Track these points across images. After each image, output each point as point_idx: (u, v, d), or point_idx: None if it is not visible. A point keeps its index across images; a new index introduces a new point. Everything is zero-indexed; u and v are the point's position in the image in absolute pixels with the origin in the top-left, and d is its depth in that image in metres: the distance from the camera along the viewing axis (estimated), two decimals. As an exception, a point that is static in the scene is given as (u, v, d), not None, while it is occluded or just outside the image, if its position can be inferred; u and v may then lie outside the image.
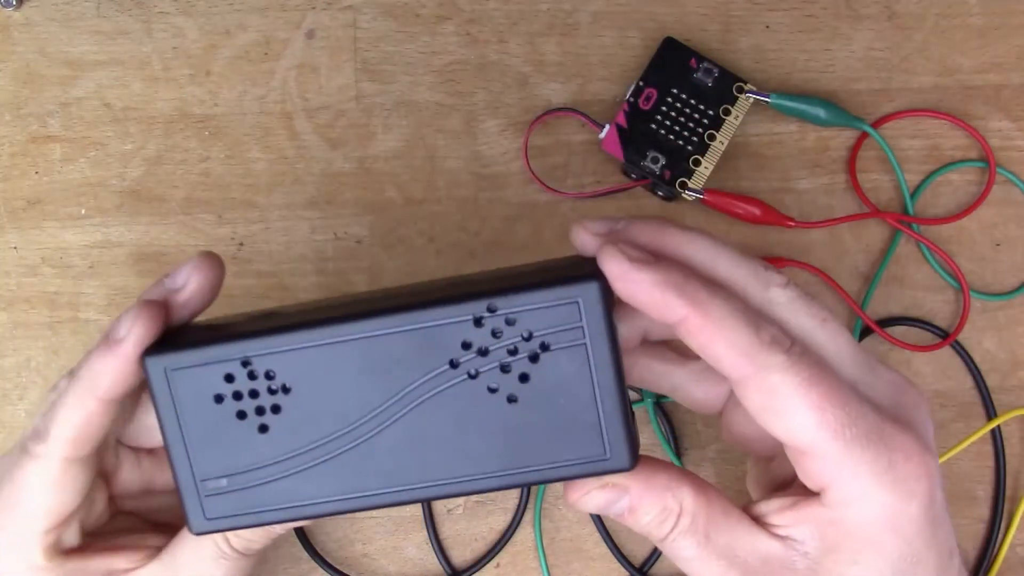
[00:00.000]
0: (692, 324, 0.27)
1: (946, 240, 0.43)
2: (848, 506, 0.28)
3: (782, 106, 0.43)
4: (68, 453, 0.30)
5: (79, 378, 0.30)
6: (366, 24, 0.44)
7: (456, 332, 0.27)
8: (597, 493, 0.29)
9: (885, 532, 0.28)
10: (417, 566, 0.42)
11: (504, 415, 0.28)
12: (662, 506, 0.29)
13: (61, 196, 0.43)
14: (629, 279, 0.27)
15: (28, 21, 0.44)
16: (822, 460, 0.27)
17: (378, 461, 0.28)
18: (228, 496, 0.29)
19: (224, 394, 0.28)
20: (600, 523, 0.42)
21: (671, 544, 0.29)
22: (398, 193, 0.44)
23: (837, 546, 0.28)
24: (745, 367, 0.27)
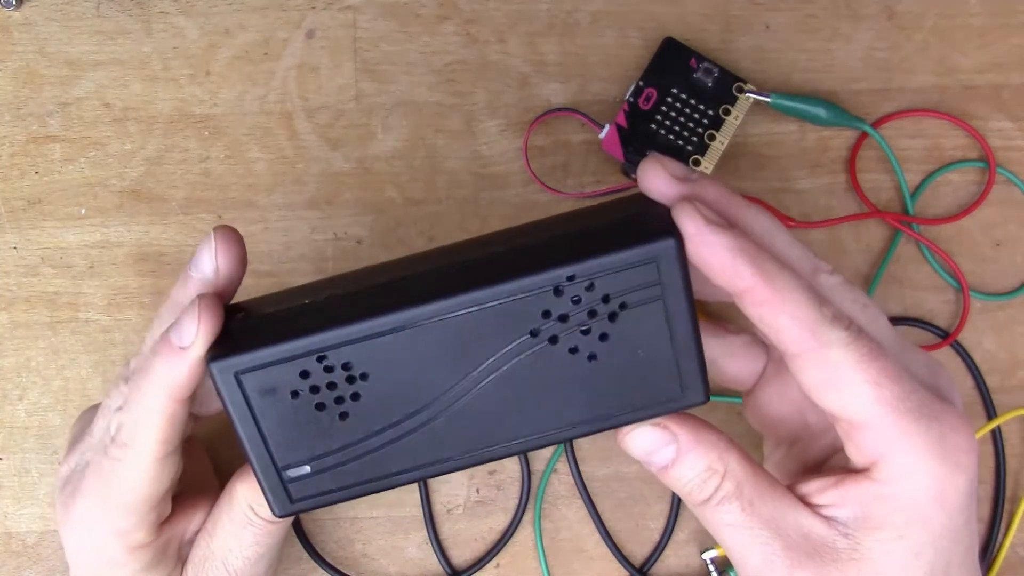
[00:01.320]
0: (759, 294, 0.27)
1: (946, 240, 0.43)
2: (899, 480, 0.28)
3: (782, 106, 0.43)
4: (160, 453, 0.31)
5: (152, 383, 0.30)
6: (366, 24, 0.44)
7: (536, 303, 0.27)
8: (645, 431, 0.29)
9: (933, 505, 0.28)
10: (417, 566, 0.42)
11: (585, 372, 0.28)
12: (707, 464, 0.29)
13: (61, 196, 0.43)
14: (704, 241, 0.27)
15: (28, 21, 0.44)
16: (877, 433, 0.28)
17: (461, 428, 0.28)
18: (311, 479, 0.29)
19: (300, 390, 0.28)
20: (600, 523, 0.42)
21: (714, 508, 0.29)
22: (398, 193, 0.44)
23: (883, 523, 0.28)
24: (808, 341, 0.27)
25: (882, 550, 0.28)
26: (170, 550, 0.34)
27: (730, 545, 0.29)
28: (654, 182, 0.29)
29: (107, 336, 0.43)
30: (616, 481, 0.43)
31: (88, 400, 0.43)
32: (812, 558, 0.28)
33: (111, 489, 0.31)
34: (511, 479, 0.42)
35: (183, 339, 0.29)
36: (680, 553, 0.42)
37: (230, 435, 0.29)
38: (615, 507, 0.42)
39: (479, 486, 0.42)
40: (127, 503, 0.31)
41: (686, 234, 0.27)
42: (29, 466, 0.43)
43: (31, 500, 0.42)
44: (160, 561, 0.34)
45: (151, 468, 0.31)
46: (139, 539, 0.32)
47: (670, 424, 0.29)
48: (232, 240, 0.31)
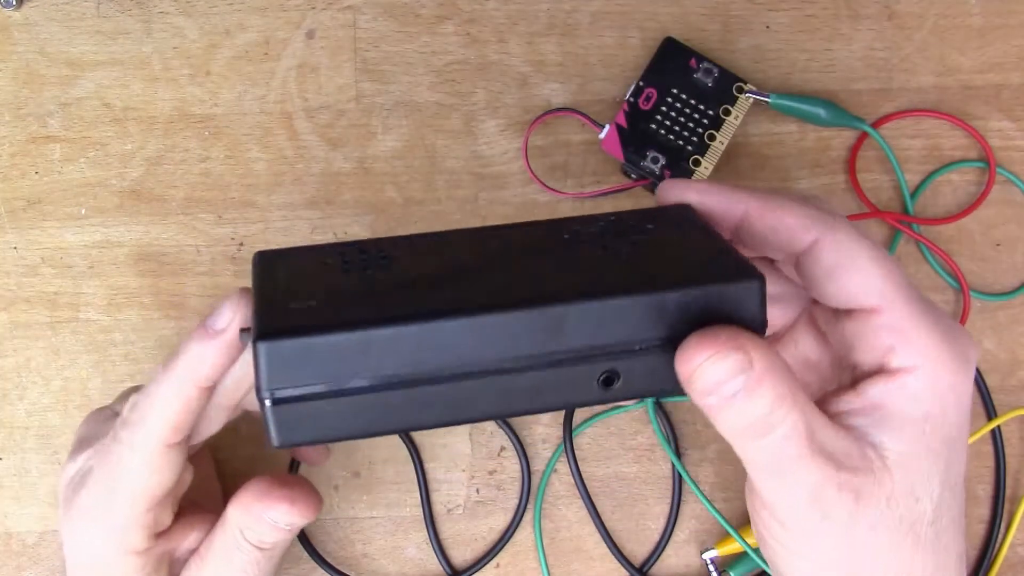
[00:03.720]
0: (759, 208, 0.29)
1: (946, 240, 0.43)
2: (913, 367, 0.28)
3: (782, 106, 0.43)
4: (169, 439, 0.31)
5: (176, 367, 0.30)
6: (366, 24, 0.44)
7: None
8: (720, 361, 0.26)
9: (947, 394, 0.28)
10: (417, 566, 0.42)
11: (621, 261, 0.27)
12: (778, 393, 0.26)
13: (61, 196, 0.43)
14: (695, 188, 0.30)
15: (28, 21, 0.44)
16: (892, 316, 0.28)
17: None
18: (312, 311, 0.26)
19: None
20: (600, 523, 0.42)
21: (776, 442, 0.26)
22: (398, 193, 0.44)
23: (903, 419, 0.27)
24: (818, 227, 0.28)
25: (907, 452, 0.27)
26: (162, 566, 0.34)
27: (777, 483, 0.27)
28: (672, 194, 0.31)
29: (107, 336, 0.43)
30: (616, 481, 0.43)
31: (88, 400, 0.43)
32: (854, 476, 0.27)
33: (114, 478, 0.31)
34: (511, 479, 0.42)
35: (217, 323, 0.30)
36: (680, 553, 0.42)
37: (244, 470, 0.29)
38: (615, 507, 0.42)
39: (479, 486, 0.42)
40: (128, 495, 0.31)
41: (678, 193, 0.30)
42: (29, 466, 0.43)
43: (31, 500, 0.42)
44: (153, 573, 0.33)
45: (155, 454, 0.31)
46: (134, 543, 0.32)
47: (747, 344, 0.26)
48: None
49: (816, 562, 0.28)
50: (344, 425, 0.26)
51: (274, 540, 0.33)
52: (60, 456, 0.42)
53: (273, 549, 0.34)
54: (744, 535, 0.40)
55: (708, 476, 0.43)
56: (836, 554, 0.28)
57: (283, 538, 0.34)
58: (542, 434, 0.43)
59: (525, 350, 0.25)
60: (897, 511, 0.27)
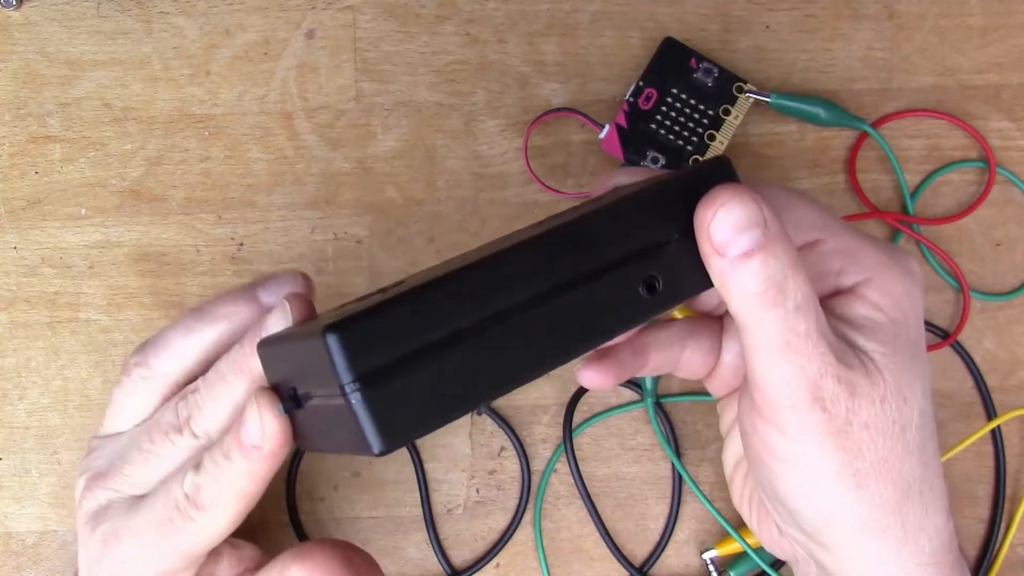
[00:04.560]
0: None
1: (946, 240, 0.43)
2: (868, 281, 0.30)
3: (782, 106, 0.43)
4: (237, 520, 0.31)
5: (236, 471, 0.29)
6: (366, 24, 0.44)
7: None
8: (735, 205, 0.26)
9: (903, 297, 0.30)
10: (417, 566, 0.42)
11: None
12: (791, 260, 0.27)
13: (61, 196, 0.43)
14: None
15: (28, 21, 0.44)
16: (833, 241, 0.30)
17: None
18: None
19: None
20: (600, 523, 0.42)
21: (789, 315, 0.27)
22: (398, 193, 0.44)
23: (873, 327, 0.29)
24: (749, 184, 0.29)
25: (890, 355, 0.29)
26: None
27: (779, 355, 0.27)
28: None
29: (107, 336, 0.43)
30: (616, 481, 0.43)
31: (88, 400, 0.43)
32: (850, 371, 0.28)
33: (175, 539, 0.31)
34: (511, 479, 0.42)
35: (253, 439, 0.28)
36: (680, 553, 0.42)
37: None
38: (615, 507, 0.42)
39: (479, 486, 0.42)
40: (186, 552, 0.31)
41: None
42: (29, 466, 0.43)
43: (31, 500, 0.42)
44: None
45: (225, 528, 0.31)
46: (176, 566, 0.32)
47: (762, 203, 0.27)
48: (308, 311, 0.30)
49: (810, 467, 0.29)
50: (438, 398, 0.25)
51: None
52: (60, 456, 0.42)
53: None
54: (744, 535, 0.40)
55: (708, 476, 0.43)
56: (832, 455, 0.28)
57: None
58: (542, 434, 0.43)
59: (565, 271, 0.27)
60: (890, 412, 0.28)
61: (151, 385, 0.34)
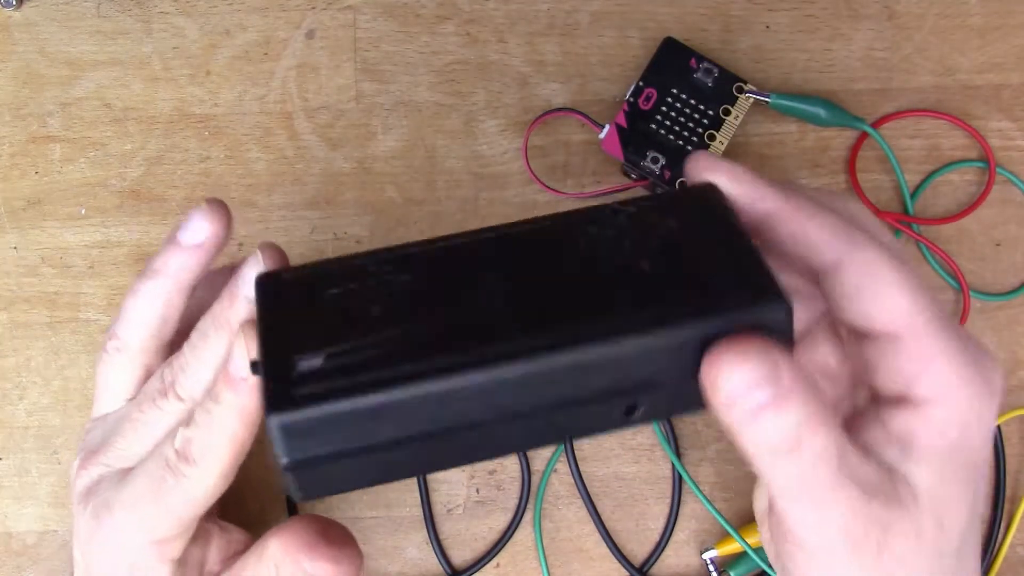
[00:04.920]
0: (786, 212, 0.27)
1: (946, 240, 0.43)
2: (939, 397, 0.26)
3: (782, 106, 0.43)
4: (228, 471, 0.31)
5: (224, 410, 0.29)
6: (366, 24, 0.44)
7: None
8: (745, 364, 0.24)
9: (974, 424, 0.27)
10: (417, 566, 0.42)
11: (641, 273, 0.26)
12: (810, 411, 0.24)
13: (61, 196, 0.43)
14: (724, 169, 0.28)
15: (28, 21, 0.44)
16: (917, 343, 0.26)
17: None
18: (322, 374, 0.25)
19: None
20: (600, 523, 0.42)
21: (807, 463, 0.25)
22: (398, 193, 0.44)
23: (929, 450, 0.27)
24: (843, 244, 0.27)
25: (937, 485, 0.27)
26: (190, 574, 0.34)
27: (797, 504, 0.26)
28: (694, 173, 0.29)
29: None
30: (616, 481, 0.43)
31: (88, 400, 0.43)
32: (885, 508, 0.26)
33: (168, 501, 0.31)
34: (511, 479, 0.42)
35: (240, 371, 0.28)
36: (680, 553, 0.42)
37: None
38: (615, 507, 0.42)
39: (479, 486, 0.42)
40: (179, 516, 0.31)
41: (707, 169, 0.28)
42: (29, 466, 0.43)
43: (31, 500, 0.42)
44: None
45: (216, 484, 0.31)
46: (175, 550, 0.32)
47: (778, 355, 0.24)
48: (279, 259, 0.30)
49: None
50: (363, 477, 0.26)
51: None
52: (60, 456, 0.42)
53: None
54: (744, 535, 0.40)
55: (708, 476, 0.43)
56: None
57: None
58: (542, 434, 0.43)
59: (545, 398, 0.25)
60: (926, 544, 0.27)
61: (125, 356, 0.34)
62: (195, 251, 0.33)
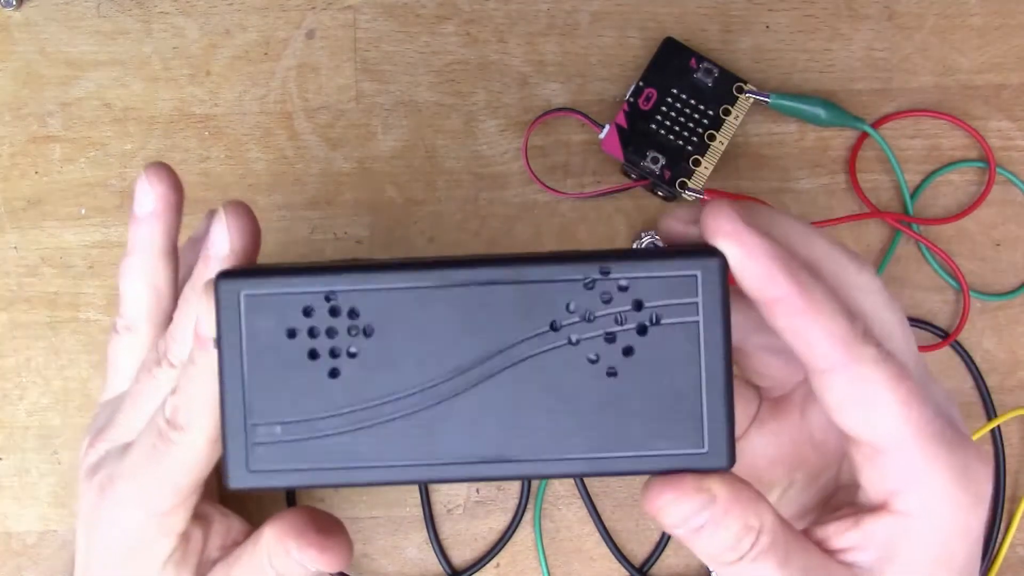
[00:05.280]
0: (792, 305, 0.25)
1: (946, 240, 0.43)
2: (924, 511, 0.26)
3: (782, 106, 0.43)
4: (215, 435, 0.31)
5: (202, 373, 0.29)
6: (366, 24, 0.44)
7: (563, 292, 0.25)
8: (686, 500, 0.26)
9: (958, 539, 0.27)
10: (417, 566, 0.42)
11: (600, 390, 0.26)
12: (745, 522, 0.26)
13: (61, 196, 0.43)
14: (740, 239, 0.25)
15: (28, 21, 0.44)
16: (903, 457, 0.26)
17: (455, 428, 0.26)
18: (279, 446, 0.26)
19: (298, 329, 0.26)
20: (600, 523, 0.42)
21: (747, 566, 0.26)
22: (398, 193, 0.44)
23: (909, 562, 0.27)
24: (840, 355, 0.26)
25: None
26: (191, 555, 0.34)
27: None
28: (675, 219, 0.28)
29: (107, 336, 0.43)
30: (616, 481, 0.43)
31: (88, 400, 0.43)
32: None
33: (162, 469, 0.31)
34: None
35: (206, 330, 0.28)
36: (680, 553, 0.42)
37: None
38: (615, 507, 0.42)
39: (479, 486, 0.42)
40: (175, 483, 0.32)
41: (722, 232, 0.25)
42: (29, 466, 0.43)
43: (31, 500, 0.42)
44: (181, 562, 0.33)
45: (206, 450, 0.31)
46: (175, 524, 0.33)
47: (712, 484, 0.26)
48: (244, 215, 0.30)
49: None
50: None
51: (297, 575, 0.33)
52: (60, 456, 0.42)
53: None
54: (744, 535, 0.40)
55: (708, 476, 0.43)
56: None
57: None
58: (542, 434, 0.43)
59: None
60: None
61: (135, 334, 0.35)
62: (152, 219, 0.34)
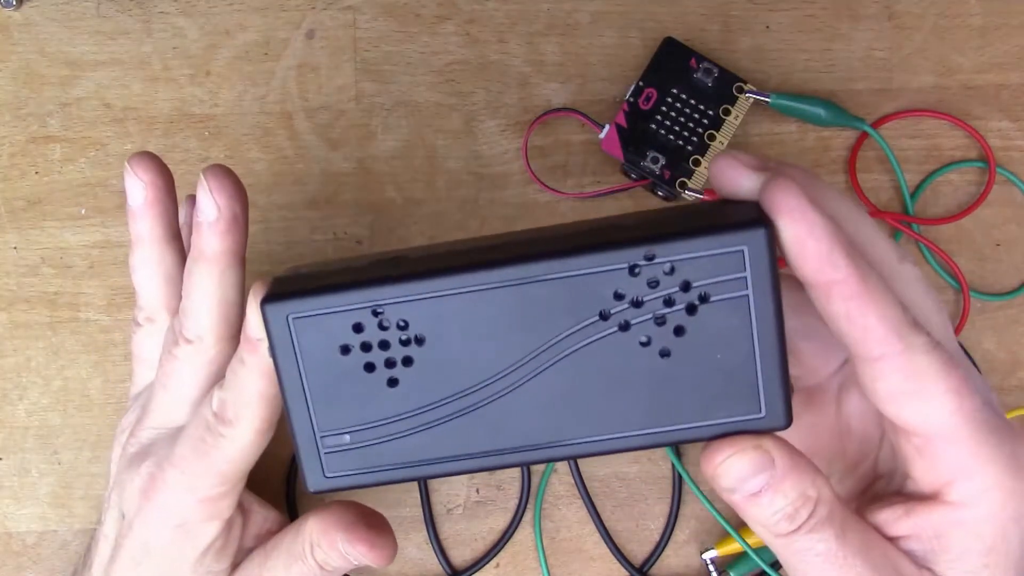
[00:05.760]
0: (849, 288, 0.24)
1: (946, 240, 0.43)
2: (976, 500, 0.26)
3: (782, 106, 0.43)
4: (263, 428, 0.31)
5: (248, 371, 0.30)
6: (366, 24, 0.44)
7: (609, 281, 0.25)
8: (745, 456, 0.25)
9: (1012, 526, 0.26)
10: (417, 566, 0.42)
11: (655, 370, 0.26)
12: (802, 491, 0.26)
13: (61, 196, 0.43)
14: (805, 219, 0.24)
15: (28, 21, 0.44)
16: (956, 449, 0.26)
17: (515, 418, 0.26)
18: (349, 453, 0.27)
19: (352, 345, 0.26)
20: (600, 523, 0.42)
21: (804, 537, 0.26)
22: (398, 193, 0.44)
23: (963, 552, 0.27)
24: (894, 343, 0.25)
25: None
26: (231, 544, 0.34)
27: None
28: (732, 174, 0.26)
29: (107, 336, 0.43)
30: (616, 481, 0.43)
31: (88, 400, 0.43)
32: None
33: (210, 460, 0.32)
34: (511, 479, 0.42)
35: (255, 332, 0.29)
36: (680, 553, 0.42)
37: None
38: (615, 507, 0.42)
39: (479, 486, 0.42)
40: (223, 472, 0.32)
41: (785, 208, 0.24)
42: (29, 466, 0.43)
43: (31, 500, 0.42)
44: (221, 551, 0.34)
45: (254, 442, 0.31)
46: (222, 509, 0.33)
47: (769, 447, 0.26)
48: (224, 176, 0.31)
49: None
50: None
51: (338, 566, 0.33)
52: (60, 456, 0.42)
53: (334, 573, 0.34)
54: (744, 535, 0.40)
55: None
56: None
57: (347, 568, 0.34)
58: (542, 434, 0.43)
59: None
60: None
61: (154, 325, 0.36)
62: (146, 208, 0.34)
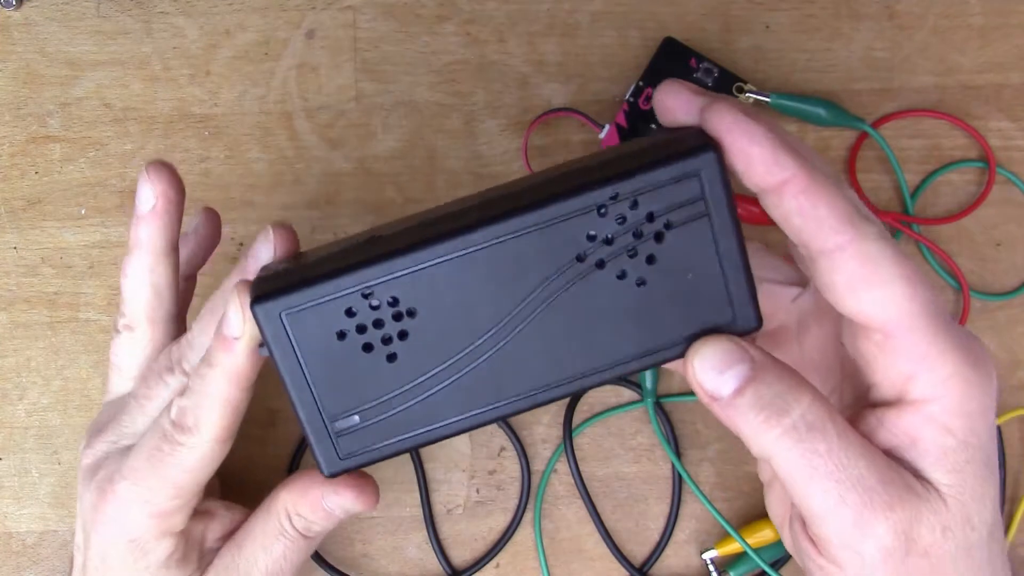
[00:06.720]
0: (798, 184, 0.26)
1: (946, 240, 0.43)
2: (938, 392, 0.26)
3: (782, 106, 0.43)
4: (222, 438, 0.31)
5: (215, 373, 0.30)
6: (366, 24, 0.44)
7: (580, 225, 0.27)
8: (716, 345, 0.26)
9: (977, 417, 0.27)
10: (417, 566, 0.42)
11: (635, 299, 0.27)
12: (788, 385, 0.26)
13: (61, 196, 0.43)
14: (746, 131, 0.26)
15: (28, 21, 0.44)
16: (913, 339, 0.26)
17: (513, 368, 0.28)
18: (361, 431, 0.28)
19: (347, 329, 0.27)
20: (600, 523, 0.42)
21: (802, 435, 0.26)
22: (398, 193, 0.44)
23: (942, 451, 0.27)
24: (846, 231, 0.26)
25: (958, 482, 0.27)
26: (192, 551, 0.34)
27: (811, 484, 0.26)
28: (675, 100, 0.28)
29: (107, 336, 0.43)
30: (616, 481, 0.43)
31: (88, 400, 0.43)
32: (903, 501, 0.26)
33: (166, 470, 0.31)
34: (511, 479, 0.42)
35: (232, 330, 0.29)
36: (680, 553, 0.42)
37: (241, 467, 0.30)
38: (615, 507, 0.42)
39: (479, 486, 0.42)
40: (178, 485, 0.32)
41: (726, 125, 0.26)
42: (29, 466, 0.43)
43: (31, 500, 0.42)
44: (182, 560, 0.34)
45: (212, 451, 0.31)
46: (175, 524, 0.33)
47: (744, 344, 0.27)
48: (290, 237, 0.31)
49: None
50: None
51: (322, 528, 0.33)
52: (60, 456, 0.42)
53: (315, 539, 0.34)
54: (744, 535, 0.40)
55: (708, 476, 0.43)
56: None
57: (330, 527, 0.34)
58: (542, 434, 0.43)
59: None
60: (954, 539, 0.27)
61: (136, 333, 0.35)
62: (154, 216, 0.34)
